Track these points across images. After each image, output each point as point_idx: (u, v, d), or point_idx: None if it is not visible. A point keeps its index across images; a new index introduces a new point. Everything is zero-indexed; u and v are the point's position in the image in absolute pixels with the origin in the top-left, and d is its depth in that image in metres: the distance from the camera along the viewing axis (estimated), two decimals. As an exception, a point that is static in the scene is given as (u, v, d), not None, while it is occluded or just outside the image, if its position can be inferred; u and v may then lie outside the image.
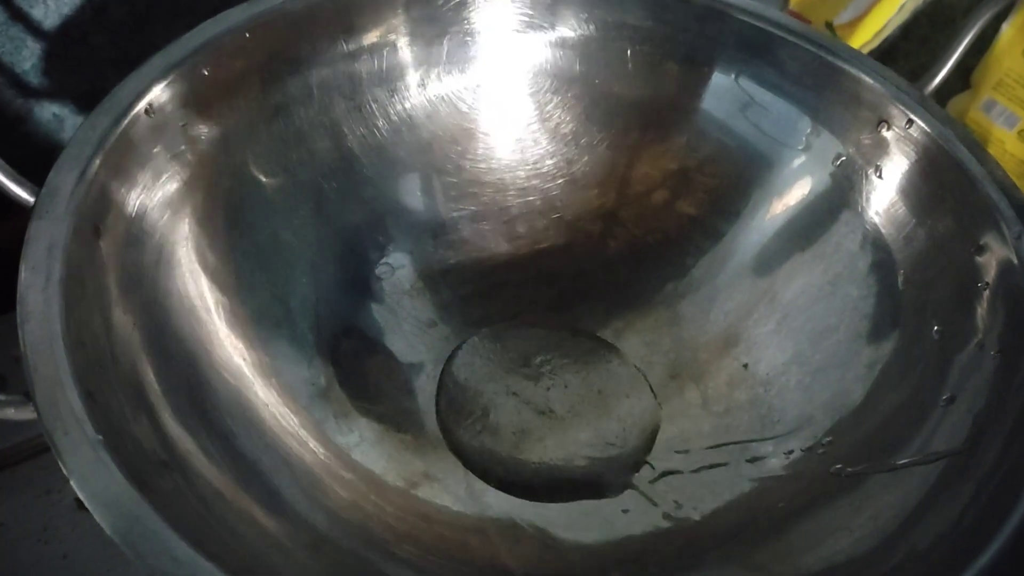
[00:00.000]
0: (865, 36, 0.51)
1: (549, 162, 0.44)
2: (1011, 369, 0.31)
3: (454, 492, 0.36)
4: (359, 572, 0.31)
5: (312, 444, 0.35)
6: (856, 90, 0.39)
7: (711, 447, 0.38)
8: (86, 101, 0.50)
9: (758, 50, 0.41)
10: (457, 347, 0.42)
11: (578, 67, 0.43)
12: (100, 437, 0.23)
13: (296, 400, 0.36)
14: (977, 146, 0.36)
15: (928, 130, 0.37)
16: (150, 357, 0.30)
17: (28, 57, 0.46)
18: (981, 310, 0.33)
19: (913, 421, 0.33)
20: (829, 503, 0.33)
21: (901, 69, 0.39)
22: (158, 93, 0.33)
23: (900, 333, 0.36)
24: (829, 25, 0.52)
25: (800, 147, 0.41)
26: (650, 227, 0.44)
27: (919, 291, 0.36)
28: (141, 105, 0.32)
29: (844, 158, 0.40)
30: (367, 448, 0.36)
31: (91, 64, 0.48)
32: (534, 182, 0.44)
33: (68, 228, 0.28)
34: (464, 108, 0.43)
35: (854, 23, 0.51)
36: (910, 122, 0.37)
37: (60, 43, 0.46)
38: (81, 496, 0.22)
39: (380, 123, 0.41)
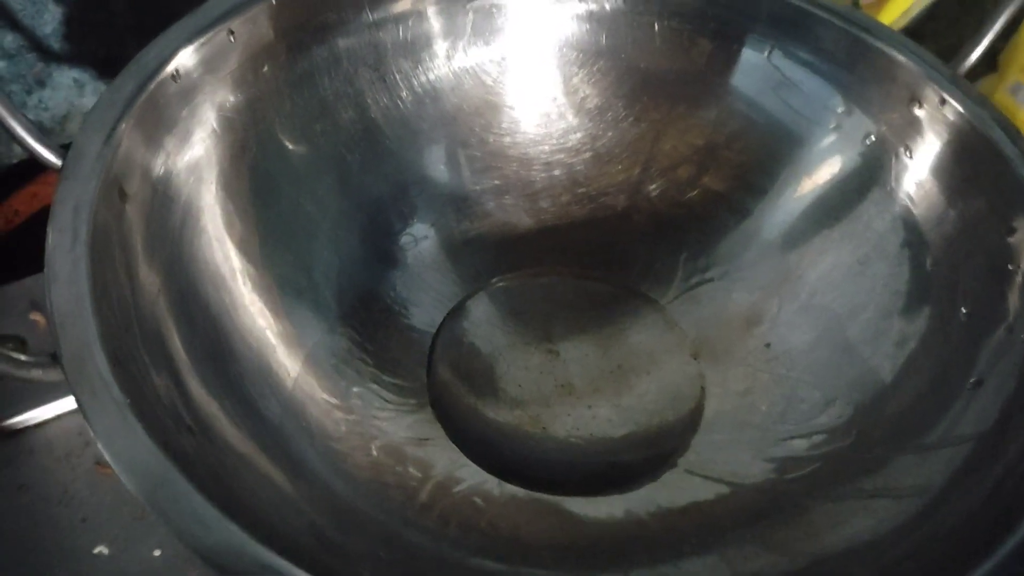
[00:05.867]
0: (892, 15, 0.50)
1: (574, 136, 0.44)
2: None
3: (470, 465, 0.36)
4: (379, 538, 0.31)
5: (333, 412, 0.35)
6: (889, 68, 0.38)
7: (732, 426, 0.38)
8: (106, 66, 0.50)
9: (790, 26, 0.41)
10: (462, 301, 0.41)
11: (605, 40, 0.43)
12: (127, 400, 0.23)
13: (318, 368, 0.36)
14: (1011, 127, 0.35)
15: (961, 110, 0.36)
16: (175, 321, 0.30)
17: (49, 21, 0.46)
18: (1012, 293, 0.33)
19: (940, 403, 0.33)
20: (852, 483, 0.33)
21: (928, 50, 0.38)
22: (185, 58, 0.33)
23: (930, 313, 0.36)
24: (855, 3, 0.51)
25: (831, 125, 0.40)
26: (675, 202, 0.43)
27: (949, 272, 0.36)
28: (168, 70, 0.32)
29: (875, 137, 0.39)
30: (385, 417, 0.36)
31: (111, 30, 0.48)
32: (559, 156, 0.44)
33: (95, 189, 0.28)
34: (489, 81, 0.43)
35: (881, 1, 0.50)
36: (943, 101, 0.36)
37: (81, 8, 0.46)
38: (108, 458, 0.22)
39: (404, 94, 0.41)
